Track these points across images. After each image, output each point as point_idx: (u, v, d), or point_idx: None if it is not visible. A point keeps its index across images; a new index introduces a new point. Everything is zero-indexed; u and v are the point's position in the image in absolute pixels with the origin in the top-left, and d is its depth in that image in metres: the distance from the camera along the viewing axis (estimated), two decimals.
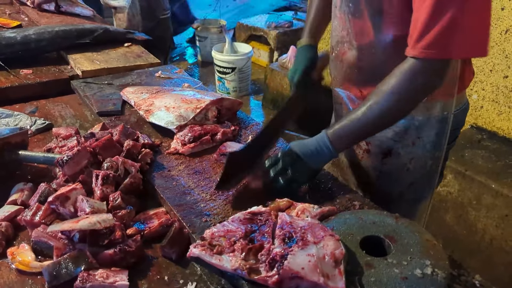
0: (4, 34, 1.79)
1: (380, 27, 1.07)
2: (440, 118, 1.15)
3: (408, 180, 1.24)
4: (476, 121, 2.39)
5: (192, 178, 1.10)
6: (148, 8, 2.45)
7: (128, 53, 1.94)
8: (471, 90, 2.35)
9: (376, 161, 1.26)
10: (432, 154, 1.20)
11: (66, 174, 1.01)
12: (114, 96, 1.53)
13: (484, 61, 2.25)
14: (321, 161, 1.06)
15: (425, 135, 1.17)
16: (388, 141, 1.21)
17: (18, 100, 1.57)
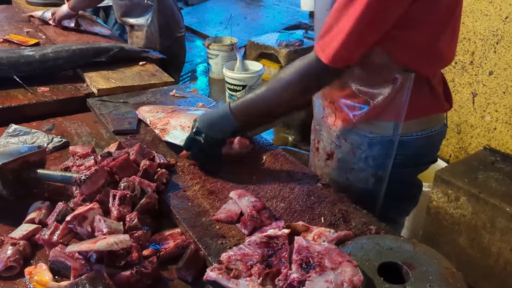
0: (23, 52, 1.83)
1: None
2: (386, 139, 1.19)
3: (350, 191, 1.23)
4: (490, 143, 2.37)
5: (207, 199, 1.11)
6: (166, 27, 2.49)
7: (143, 72, 1.97)
8: (484, 111, 2.35)
9: (321, 161, 1.34)
10: (374, 171, 1.23)
11: (84, 193, 1.02)
12: (130, 115, 1.55)
13: (498, 83, 2.25)
14: (227, 125, 1.16)
15: (368, 151, 1.21)
16: (333, 143, 1.27)
17: (35, 117, 1.59)
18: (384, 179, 1.24)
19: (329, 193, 1.15)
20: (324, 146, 1.32)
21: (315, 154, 1.38)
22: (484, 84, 2.31)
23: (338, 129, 1.25)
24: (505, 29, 2.16)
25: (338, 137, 1.26)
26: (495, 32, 2.20)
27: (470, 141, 2.47)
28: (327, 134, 1.31)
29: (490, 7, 2.20)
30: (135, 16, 2.50)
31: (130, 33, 2.65)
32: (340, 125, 1.25)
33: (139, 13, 2.49)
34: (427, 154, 1.29)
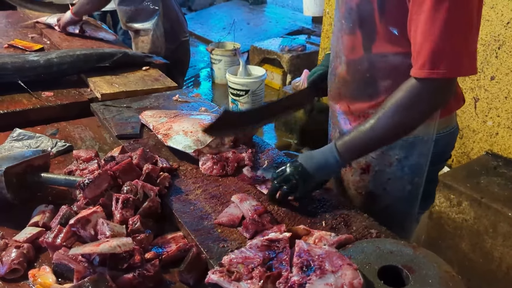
0: (28, 57, 1.85)
1: (368, 45, 1.11)
2: (423, 140, 1.17)
3: (385, 201, 1.24)
4: (492, 148, 2.37)
5: (209, 203, 1.12)
6: (171, 31, 2.51)
7: (146, 77, 1.98)
8: (486, 116, 2.35)
9: (355, 175, 1.29)
10: (411, 178, 1.22)
11: (87, 197, 1.03)
12: (133, 119, 1.56)
13: (499, 88, 2.25)
14: (327, 173, 1.12)
15: (405, 157, 1.19)
16: (368, 157, 1.23)
17: (39, 121, 1.61)
18: (421, 185, 1.24)
19: (331, 197, 1.16)
20: (358, 160, 1.26)
21: (347, 170, 1.32)
22: (486, 89, 2.32)
23: None
24: (507, 34, 2.17)
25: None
26: (496, 38, 2.21)
27: (472, 146, 2.47)
28: None
29: (491, 12, 2.21)
30: (140, 21, 2.52)
31: (135, 38, 2.67)
32: None
33: (144, 18, 2.51)
34: (448, 150, 1.32)
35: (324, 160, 1.08)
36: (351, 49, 1.17)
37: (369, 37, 1.10)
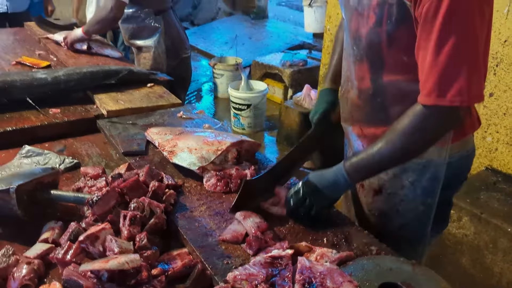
0: (36, 75, 1.89)
1: (377, 73, 1.15)
2: (436, 163, 1.19)
3: (398, 222, 1.27)
4: (491, 163, 2.40)
5: (213, 220, 1.15)
6: (172, 48, 2.57)
7: (151, 94, 2.03)
8: (485, 132, 2.38)
9: (368, 197, 1.31)
10: (423, 199, 1.24)
11: (96, 214, 1.06)
12: (138, 136, 1.60)
13: (498, 105, 2.29)
14: (337, 191, 1.15)
15: (417, 180, 1.21)
16: (381, 179, 1.26)
17: (47, 138, 1.65)
18: (433, 205, 1.26)
19: (332, 214, 1.19)
20: (370, 182, 1.30)
21: (361, 190, 1.35)
22: (484, 106, 2.35)
23: None
24: (504, 52, 2.21)
25: (386, 172, 1.24)
26: (494, 55, 2.25)
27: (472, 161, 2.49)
28: None
29: None
30: (142, 38, 2.59)
31: (137, 55, 2.73)
32: None
33: (146, 35, 2.58)
34: (464, 174, 1.34)
35: (334, 179, 1.12)
36: (361, 76, 1.20)
37: (377, 66, 1.14)
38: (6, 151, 1.54)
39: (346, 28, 1.23)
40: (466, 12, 0.94)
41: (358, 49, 1.16)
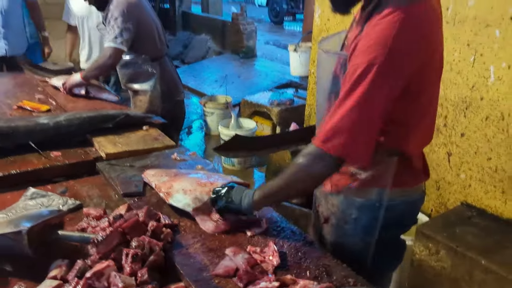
0: (38, 120, 2.02)
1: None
2: (376, 205, 1.34)
3: (344, 253, 1.38)
4: (466, 199, 2.56)
5: (207, 256, 1.26)
6: (167, 91, 2.75)
7: (147, 136, 2.16)
8: (459, 170, 2.55)
9: (319, 223, 1.48)
10: (362, 237, 1.38)
11: (100, 252, 1.17)
12: (136, 178, 1.72)
13: (469, 144, 2.47)
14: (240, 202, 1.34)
15: (359, 218, 1.36)
16: (328, 210, 1.43)
17: (49, 179, 1.76)
18: (372, 244, 1.39)
19: (314, 250, 1.31)
20: (322, 210, 1.47)
21: (316, 216, 1.52)
22: (457, 145, 2.53)
23: (332, 197, 1.41)
24: (472, 96, 2.41)
25: (333, 204, 1.41)
26: (464, 99, 2.45)
27: (448, 197, 2.65)
28: (324, 201, 1.46)
29: (458, 77, 2.46)
30: (139, 82, 2.76)
31: (133, 97, 2.89)
32: (334, 193, 1.41)
33: (143, 79, 2.75)
34: (408, 218, 1.47)
35: (243, 195, 1.34)
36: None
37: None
38: (11, 193, 1.64)
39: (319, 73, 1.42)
40: (370, 83, 1.12)
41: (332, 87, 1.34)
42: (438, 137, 2.61)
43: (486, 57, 2.31)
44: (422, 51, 1.17)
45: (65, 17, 3.91)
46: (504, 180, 2.34)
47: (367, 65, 1.12)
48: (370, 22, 1.17)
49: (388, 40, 1.11)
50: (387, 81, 1.14)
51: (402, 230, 1.47)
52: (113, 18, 2.57)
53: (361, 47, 1.15)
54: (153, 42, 2.75)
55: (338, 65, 1.28)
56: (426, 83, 1.23)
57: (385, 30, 1.12)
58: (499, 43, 2.23)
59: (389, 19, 1.13)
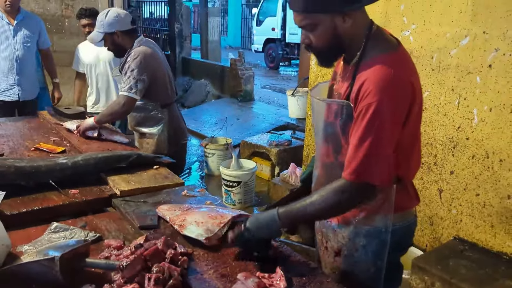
0: (57, 160, 2.17)
1: (337, 154, 1.49)
2: (382, 231, 1.49)
3: (355, 281, 1.52)
4: (458, 233, 2.69)
5: (220, 281, 1.39)
6: (174, 136, 2.93)
7: (157, 175, 2.32)
8: (450, 205, 2.70)
9: (330, 257, 1.60)
10: (374, 261, 1.51)
11: (125, 276, 1.30)
12: (151, 213, 1.86)
13: (458, 181, 2.63)
14: (268, 233, 1.45)
15: (368, 244, 1.50)
16: (339, 242, 1.55)
17: (69, 215, 1.89)
18: (383, 267, 1.53)
19: (317, 275, 1.44)
20: (332, 245, 1.60)
21: (324, 252, 1.65)
22: (447, 182, 2.70)
23: (341, 230, 1.56)
24: (459, 137, 2.60)
25: (343, 236, 1.56)
26: (451, 139, 2.64)
27: (442, 231, 2.78)
28: (333, 235, 1.59)
29: (445, 119, 2.66)
30: (148, 126, 2.95)
31: (139, 139, 3.06)
32: (342, 225, 1.55)
33: (151, 124, 2.94)
34: (407, 239, 1.63)
35: (267, 223, 1.44)
36: (326, 155, 1.55)
37: (336, 148, 1.48)
38: (35, 228, 1.77)
39: (312, 118, 1.59)
40: (382, 120, 1.31)
41: (322, 135, 1.52)
42: (430, 175, 2.78)
43: (469, 100, 2.52)
44: (412, 84, 1.38)
45: (74, 66, 4.16)
46: (492, 215, 2.49)
47: (375, 107, 1.30)
48: (361, 72, 1.37)
49: (386, 83, 1.32)
50: (396, 115, 1.34)
51: (401, 252, 1.62)
52: (129, 69, 2.75)
53: (364, 93, 1.34)
54: (165, 90, 2.94)
55: (330, 112, 1.46)
56: (416, 109, 1.42)
57: (380, 76, 1.33)
58: (480, 88, 2.45)
59: (380, 66, 1.34)
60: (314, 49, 1.42)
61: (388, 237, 1.49)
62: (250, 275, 1.38)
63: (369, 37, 1.38)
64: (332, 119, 1.45)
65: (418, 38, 2.73)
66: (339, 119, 1.41)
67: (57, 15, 5.98)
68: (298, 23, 1.38)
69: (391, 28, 2.87)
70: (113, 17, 2.80)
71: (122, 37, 2.85)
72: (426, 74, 2.71)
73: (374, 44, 1.37)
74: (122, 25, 2.83)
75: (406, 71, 1.38)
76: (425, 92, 2.73)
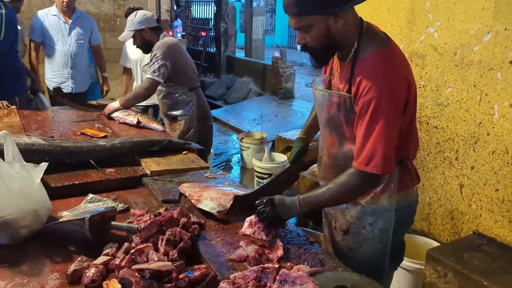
0: (98, 142, 2.44)
1: (342, 143, 1.61)
2: (387, 209, 1.61)
3: (363, 258, 1.65)
4: (478, 228, 2.71)
5: (225, 247, 1.57)
6: (203, 115, 3.38)
7: (185, 159, 2.53)
8: (470, 200, 2.72)
9: (339, 236, 1.73)
10: (380, 238, 1.63)
11: (142, 237, 1.51)
12: (174, 190, 2.07)
13: (479, 177, 2.65)
14: (288, 214, 1.60)
15: (375, 222, 1.62)
16: (348, 221, 1.68)
17: (104, 190, 2.13)
18: (388, 243, 1.66)
19: (314, 248, 1.58)
20: (341, 224, 1.74)
21: (333, 231, 1.79)
22: (468, 177, 2.72)
23: (350, 210, 1.69)
24: (480, 132, 2.63)
25: (351, 216, 1.69)
26: (472, 134, 2.67)
27: (461, 226, 2.81)
28: (341, 215, 1.73)
29: (467, 114, 2.69)
30: (179, 109, 3.32)
31: (171, 124, 3.38)
32: (351, 206, 1.69)
33: (182, 106, 3.31)
34: (410, 217, 1.76)
35: (289, 205, 1.59)
36: (331, 144, 1.67)
37: (341, 138, 1.61)
38: (75, 199, 2.02)
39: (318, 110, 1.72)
40: (384, 112, 1.43)
41: (328, 126, 1.64)
42: (451, 170, 2.81)
43: (490, 96, 2.54)
44: (407, 74, 1.51)
45: (122, 61, 4.50)
46: (510, 210, 2.50)
47: (376, 102, 1.43)
48: (358, 68, 1.49)
49: (383, 78, 1.44)
50: (395, 106, 1.46)
51: (405, 230, 1.74)
52: (155, 56, 3.17)
53: (363, 89, 1.46)
54: (189, 75, 3.34)
55: (333, 104, 1.59)
56: (412, 98, 1.54)
57: (379, 69, 1.46)
58: (501, 85, 2.47)
59: (376, 62, 1.46)
60: (310, 49, 1.54)
61: (393, 215, 1.61)
62: (250, 242, 1.54)
63: (362, 35, 1.50)
64: (335, 110, 1.58)
65: (442, 35, 2.77)
66: (343, 110, 1.54)
67: (110, 15, 6.41)
68: (293, 26, 1.51)
69: (417, 25, 2.93)
70: (141, 17, 3.24)
71: (149, 33, 3.26)
72: (449, 70, 2.75)
73: (367, 41, 1.49)
74: (149, 22, 3.25)
75: (399, 64, 1.49)
76: (448, 88, 2.77)
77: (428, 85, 2.90)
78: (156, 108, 4.11)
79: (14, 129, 2.89)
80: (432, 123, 2.92)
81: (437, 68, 2.84)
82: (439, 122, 2.86)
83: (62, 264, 1.48)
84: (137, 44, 3.31)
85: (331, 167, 1.71)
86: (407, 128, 1.57)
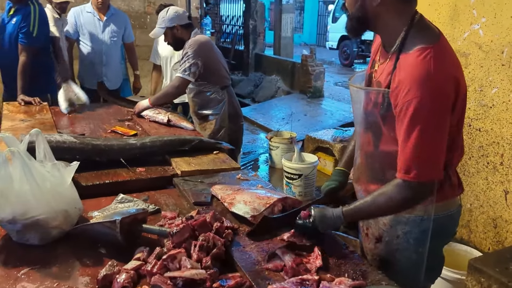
0: (128, 141, 2.41)
1: (377, 143, 1.51)
2: (423, 219, 1.50)
3: (396, 268, 1.54)
4: None
5: (260, 254, 1.49)
6: (234, 114, 3.32)
7: (216, 159, 2.47)
8: None
9: (371, 244, 1.63)
10: (415, 248, 1.52)
11: (174, 242, 1.45)
12: (205, 191, 2.01)
13: None
14: (331, 226, 1.51)
15: (410, 231, 1.51)
16: (380, 229, 1.58)
17: (135, 189, 2.09)
18: (424, 254, 1.54)
19: (354, 257, 1.49)
20: (373, 231, 1.65)
21: (365, 238, 1.70)
22: None
23: (382, 218, 1.59)
24: None
25: (384, 223, 1.60)
26: None
27: (506, 235, 2.65)
28: (374, 222, 1.64)
29: None
30: (210, 108, 3.24)
31: (201, 124, 3.32)
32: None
33: (214, 105, 3.24)
34: (449, 229, 1.63)
35: (332, 218, 1.48)
36: (367, 144, 1.57)
37: (377, 137, 1.51)
38: (105, 198, 1.99)
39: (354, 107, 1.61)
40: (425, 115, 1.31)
41: (363, 123, 1.54)
42: (495, 175, 2.66)
43: None
44: (455, 72, 1.38)
45: (152, 58, 4.49)
46: None
47: (417, 101, 1.30)
48: (402, 63, 1.38)
49: (426, 79, 1.31)
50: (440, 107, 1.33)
51: (443, 242, 1.62)
52: (185, 54, 3.12)
53: (404, 88, 1.34)
54: (220, 74, 3.28)
55: (370, 101, 1.48)
56: (461, 94, 1.41)
57: (422, 68, 1.32)
58: None
59: (421, 60, 1.33)
60: (346, 10, 1.48)
61: (430, 225, 1.50)
62: (287, 251, 1.46)
63: (411, 26, 1.39)
64: (371, 107, 1.48)
65: (488, 32, 2.61)
66: (380, 108, 1.44)
67: (140, 12, 6.44)
68: None
69: (460, 21, 2.77)
70: (173, 13, 3.18)
71: (181, 31, 3.21)
72: (496, 69, 2.59)
73: (416, 34, 1.38)
74: (181, 19, 3.20)
75: (447, 62, 1.36)
76: (494, 88, 2.62)
77: (471, 86, 2.75)
78: (185, 106, 4.07)
79: (46, 126, 2.90)
80: (474, 125, 2.76)
81: (481, 67, 2.68)
82: (483, 124, 2.71)
83: (92, 267, 1.44)
84: (168, 41, 3.27)
85: (366, 169, 1.61)
86: (451, 133, 1.43)
